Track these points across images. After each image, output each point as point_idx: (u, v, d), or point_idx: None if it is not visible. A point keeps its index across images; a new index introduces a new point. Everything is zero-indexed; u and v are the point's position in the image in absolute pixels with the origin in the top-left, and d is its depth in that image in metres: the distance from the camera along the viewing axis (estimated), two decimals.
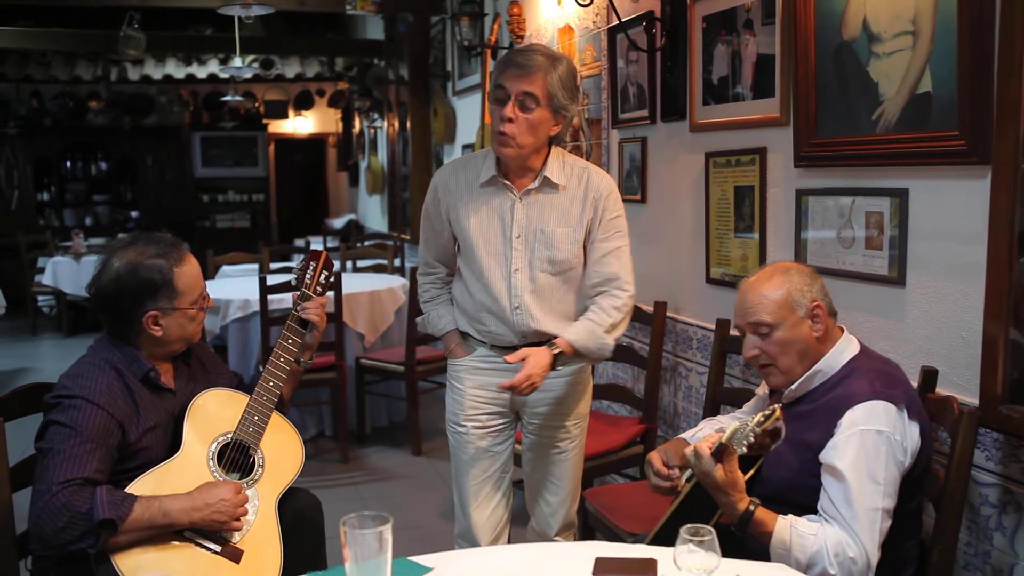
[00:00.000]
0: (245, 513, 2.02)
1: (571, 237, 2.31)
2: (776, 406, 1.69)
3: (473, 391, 2.41)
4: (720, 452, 1.70)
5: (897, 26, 2.11)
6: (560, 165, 2.33)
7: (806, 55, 2.40)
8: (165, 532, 1.92)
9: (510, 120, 2.20)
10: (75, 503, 1.81)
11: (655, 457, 2.00)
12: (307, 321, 2.28)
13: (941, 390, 2.03)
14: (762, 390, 2.17)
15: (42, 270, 8.18)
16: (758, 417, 1.69)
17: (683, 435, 2.18)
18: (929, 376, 2.03)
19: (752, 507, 1.71)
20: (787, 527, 1.71)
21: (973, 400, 1.92)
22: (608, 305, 2.32)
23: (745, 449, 1.68)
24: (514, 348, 2.33)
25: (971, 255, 1.96)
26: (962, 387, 2.01)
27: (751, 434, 1.67)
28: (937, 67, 2.00)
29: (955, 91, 1.95)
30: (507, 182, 2.31)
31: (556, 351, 2.25)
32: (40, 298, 8.88)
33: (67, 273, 7.83)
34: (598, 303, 2.33)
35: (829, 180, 2.42)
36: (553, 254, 2.29)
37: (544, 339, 2.31)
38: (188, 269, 2.11)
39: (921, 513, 1.89)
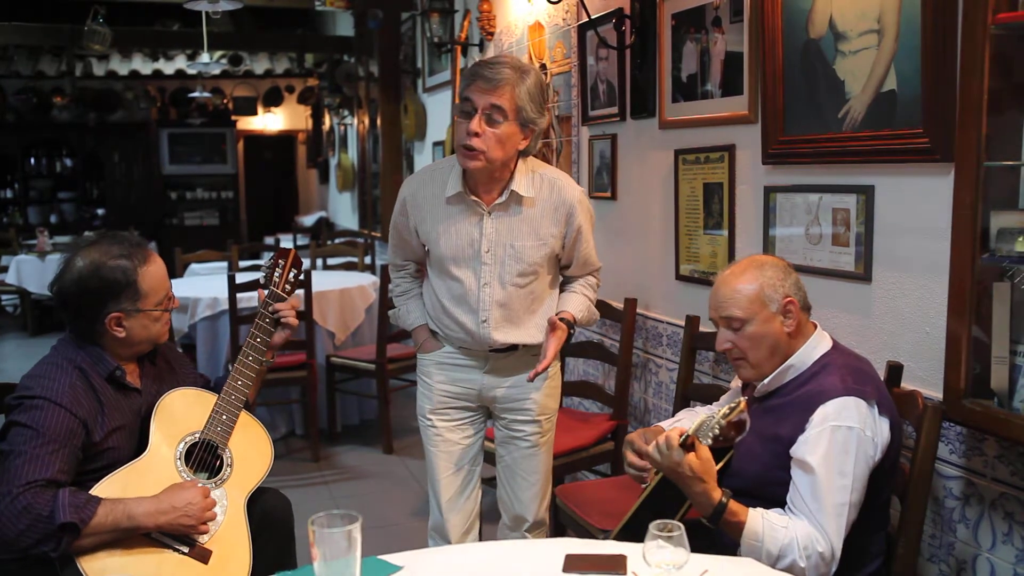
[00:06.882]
0: (213, 517, 2.00)
1: (541, 251, 2.30)
2: (741, 399, 1.72)
3: (441, 385, 2.43)
4: (686, 444, 1.72)
5: (863, 25, 2.13)
6: (529, 178, 2.29)
7: (774, 53, 2.42)
8: (131, 534, 1.89)
9: (476, 135, 2.16)
10: (37, 505, 1.78)
11: (636, 437, 2.00)
12: (279, 320, 2.26)
13: (906, 384, 2.05)
14: (735, 383, 2.19)
15: (6, 268, 8.04)
16: (723, 409, 1.73)
17: (661, 423, 2.20)
18: (894, 371, 2.05)
19: (725, 498, 1.72)
20: (759, 518, 1.72)
21: (937, 394, 1.94)
22: (592, 283, 2.50)
23: (711, 441, 1.71)
24: (481, 354, 2.38)
25: (935, 251, 1.98)
26: (926, 381, 2.04)
27: (716, 426, 1.71)
28: (901, 65, 2.03)
29: (919, 89, 1.97)
30: (475, 198, 2.27)
31: (568, 325, 2.33)
32: (4, 297, 8.73)
33: (32, 272, 7.70)
34: (584, 280, 2.47)
35: (797, 177, 2.44)
36: (523, 267, 2.29)
37: (508, 347, 2.37)
38: (153, 270, 2.07)
39: (889, 507, 1.91)
